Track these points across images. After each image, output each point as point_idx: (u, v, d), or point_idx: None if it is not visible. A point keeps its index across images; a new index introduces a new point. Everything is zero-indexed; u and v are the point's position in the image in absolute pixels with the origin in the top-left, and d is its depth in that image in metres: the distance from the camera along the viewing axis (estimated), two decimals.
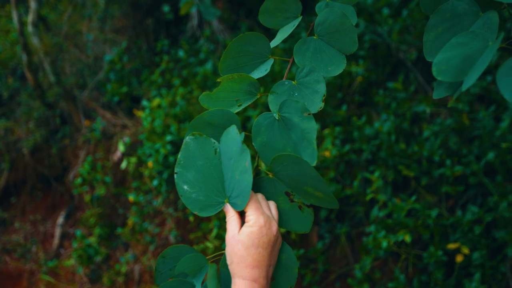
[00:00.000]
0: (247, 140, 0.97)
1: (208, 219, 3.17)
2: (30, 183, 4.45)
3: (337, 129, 2.86)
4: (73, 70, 4.50)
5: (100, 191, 3.85)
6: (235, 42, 1.06)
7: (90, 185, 3.93)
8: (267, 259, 0.91)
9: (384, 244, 2.45)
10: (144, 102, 3.58)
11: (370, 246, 2.57)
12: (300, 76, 1.03)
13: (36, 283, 4.01)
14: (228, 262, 0.92)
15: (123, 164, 3.72)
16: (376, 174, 2.64)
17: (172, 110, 3.42)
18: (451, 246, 2.46)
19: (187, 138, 0.98)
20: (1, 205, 4.48)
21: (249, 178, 0.92)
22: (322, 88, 0.99)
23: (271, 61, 1.07)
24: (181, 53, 3.93)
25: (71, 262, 3.86)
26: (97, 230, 3.84)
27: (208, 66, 3.67)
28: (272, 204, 0.99)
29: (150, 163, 3.36)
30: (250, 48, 1.06)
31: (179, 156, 0.98)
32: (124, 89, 4.04)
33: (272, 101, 1.02)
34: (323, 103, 0.98)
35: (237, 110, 1.02)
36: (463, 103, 2.78)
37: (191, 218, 3.33)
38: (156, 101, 3.43)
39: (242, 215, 0.96)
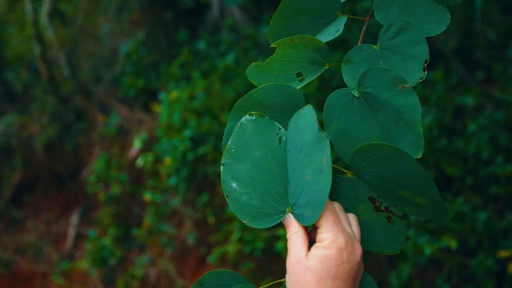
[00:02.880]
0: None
1: (230, 220, 2.94)
2: (43, 181, 4.28)
3: None
4: (89, 64, 4.32)
5: (115, 189, 3.65)
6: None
7: (105, 183, 3.74)
8: None
9: (428, 250, 2.19)
10: (162, 95, 3.38)
11: (409, 252, 2.32)
12: (385, 38, 0.78)
13: (48, 285, 3.83)
14: None
15: (139, 161, 3.52)
16: None
17: (191, 103, 3.20)
18: (503, 253, 2.20)
19: (244, 119, 0.73)
20: (14, 203, 4.32)
21: (326, 180, 0.66)
22: (421, 52, 0.74)
23: (343, 20, 0.81)
24: (201, 45, 3.72)
25: (85, 264, 3.67)
26: (111, 231, 3.65)
27: (230, 58, 3.45)
28: (352, 217, 0.74)
29: (167, 160, 3.15)
30: (312, 3, 0.79)
31: (229, 142, 0.73)
32: (141, 82, 3.84)
33: (348, 73, 0.76)
34: (425, 72, 0.71)
35: (299, 86, 0.77)
36: (511, 94, 2.51)
37: (210, 219, 3.11)
38: (174, 94, 3.22)
39: (309, 232, 0.71)
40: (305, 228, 0.69)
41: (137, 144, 3.60)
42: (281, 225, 0.70)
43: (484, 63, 2.91)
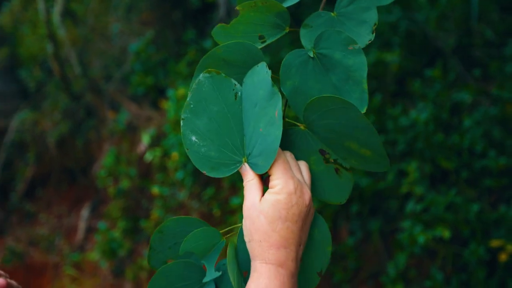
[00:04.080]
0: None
1: (234, 212, 3.05)
2: (55, 176, 4.42)
3: (371, 116, 2.70)
4: (99, 62, 4.45)
5: (125, 183, 3.77)
6: None
7: (115, 178, 3.86)
8: (297, 236, 0.72)
9: (421, 239, 2.28)
10: (170, 92, 3.49)
11: (405, 242, 2.41)
12: (341, 5, 0.84)
13: (60, 276, 3.96)
14: (247, 239, 0.73)
15: (148, 156, 3.63)
16: (413, 165, 2.47)
17: None
18: (495, 243, 2.28)
19: (201, 76, 0.78)
20: (27, 197, 4.46)
21: (277, 131, 0.72)
22: (372, 16, 0.80)
23: None
24: (208, 43, 3.82)
25: (95, 255, 3.79)
26: (121, 224, 3.77)
27: None
28: (303, 165, 0.80)
29: (174, 155, 3.26)
30: None
31: (188, 98, 0.78)
32: (150, 80, 3.96)
33: (305, 36, 0.82)
34: (373, 34, 0.78)
35: (260, 47, 0.82)
36: (507, 91, 2.59)
37: (215, 212, 3.22)
38: (181, 91, 3.33)
39: (264, 179, 0.77)
40: (260, 176, 0.75)
41: (145, 139, 3.72)
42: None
43: (482, 61, 2.98)
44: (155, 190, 3.50)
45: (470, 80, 2.90)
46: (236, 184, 3.14)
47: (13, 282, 0.83)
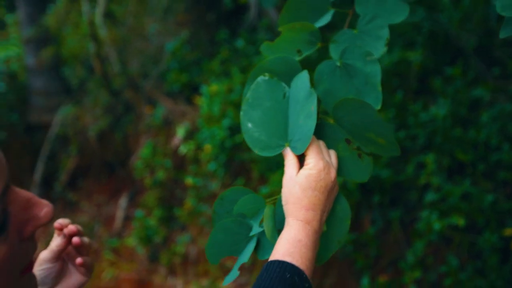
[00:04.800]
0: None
1: None
2: (95, 168, 4.69)
3: (392, 110, 2.86)
4: (137, 61, 4.71)
5: (160, 175, 4.01)
6: None
7: (151, 169, 4.10)
8: (322, 204, 0.90)
9: (437, 226, 2.43)
10: (203, 89, 3.71)
11: (422, 230, 2.56)
12: (361, 24, 1.04)
13: (100, 260, 4.22)
14: (284, 202, 0.92)
15: (182, 149, 3.86)
16: (430, 157, 2.62)
17: (230, 96, 3.52)
18: (508, 232, 2.42)
19: (259, 79, 0.99)
20: (70, 187, 4.75)
21: (312, 122, 0.92)
22: (385, 33, 1.00)
23: (331, 12, 1.08)
24: (240, 43, 4.03)
25: (132, 241, 4.04)
26: (156, 212, 4.00)
27: None
28: (332, 152, 0.99)
29: (207, 147, 3.48)
30: (310, 0, 1.06)
31: (247, 95, 0.99)
32: (184, 77, 4.19)
33: (334, 49, 1.02)
34: (386, 47, 0.98)
35: (298, 59, 1.03)
36: None
37: None
38: (214, 87, 3.55)
39: (301, 160, 0.96)
40: (298, 157, 0.95)
41: (180, 133, 3.95)
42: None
43: (501, 60, 3.10)
44: (189, 180, 3.72)
45: (489, 78, 3.02)
46: (264, 175, 3.33)
47: (86, 240, 1.00)
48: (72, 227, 0.97)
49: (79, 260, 0.97)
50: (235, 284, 3.35)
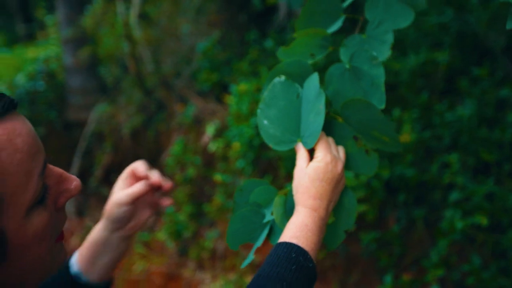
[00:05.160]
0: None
1: None
2: (129, 164, 4.82)
3: (415, 111, 2.88)
4: (170, 60, 4.84)
5: (190, 171, 4.12)
6: (308, 3, 1.16)
7: (181, 166, 4.22)
8: (329, 194, 0.98)
9: (459, 225, 2.46)
10: (232, 88, 3.80)
11: (446, 228, 2.59)
12: (369, 29, 1.11)
13: (131, 254, 4.36)
14: (294, 192, 1.00)
15: (211, 146, 3.96)
16: (454, 157, 2.64)
17: (258, 95, 3.60)
18: None
19: (275, 80, 1.08)
20: (104, 182, 4.92)
21: (321, 119, 1.00)
22: (389, 38, 1.06)
23: (343, 18, 1.16)
24: (269, 43, 4.11)
25: (162, 236, 4.16)
26: (186, 208, 4.12)
27: None
28: (340, 148, 1.06)
29: (235, 145, 3.57)
30: (322, 6, 1.14)
31: (264, 94, 1.08)
32: (215, 77, 4.29)
33: (343, 53, 1.10)
34: (391, 51, 1.05)
35: (311, 62, 1.11)
36: None
37: None
38: (243, 86, 3.63)
39: (312, 154, 1.03)
40: (308, 151, 1.03)
41: (210, 131, 4.06)
42: None
43: None
44: (218, 177, 3.82)
45: None
46: (291, 173, 3.39)
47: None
48: (157, 179, 1.11)
49: (167, 201, 1.14)
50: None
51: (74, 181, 0.68)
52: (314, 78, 1.05)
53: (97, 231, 1.10)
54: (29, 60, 6.34)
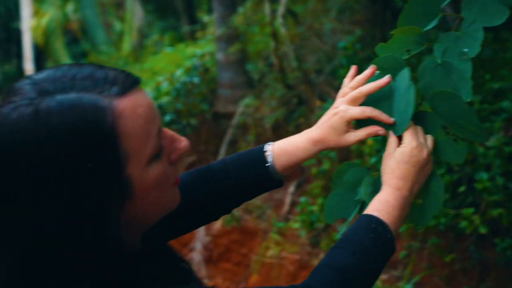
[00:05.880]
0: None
1: None
2: None
3: None
4: (312, 57, 5.01)
5: (325, 165, 4.25)
6: (408, 4, 1.24)
7: (317, 159, 4.37)
8: (413, 176, 1.05)
9: None
10: None
11: None
12: (464, 27, 1.15)
13: (267, 240, 4.64)
14: (382, 173, 1.09)
15: None
16: None
17: None
18: None
19: (376, 74, 1.19)
20: None
21: (410, 109, 1.08)
22: (480, 35, 1.11)
23: (439, 16, 1.22)
24: None
25: (296, 225, 4.36)
26: (320, 200, 4.26)
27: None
28: (429, 136, 1.13)
29: (369, 141, 3.62)
30: (423, 6, 1.21)
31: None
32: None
33: (437, 49, 1.16)
34: (480, 48, 1.10)
35: (406, 57, 1.19)
36: None
37: None
38: None
39: (401, 141, 1.11)
40: (397, 137, 1.10)
41: None
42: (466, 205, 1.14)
43: None
44: None
45: None
46: None
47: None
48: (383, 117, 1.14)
49: (381, 132, 1.12)
50: None
51: (183, 141, 0.84)
52: (405, 72, 1.13)
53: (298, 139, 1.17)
54: (188, 56, 6.98)
